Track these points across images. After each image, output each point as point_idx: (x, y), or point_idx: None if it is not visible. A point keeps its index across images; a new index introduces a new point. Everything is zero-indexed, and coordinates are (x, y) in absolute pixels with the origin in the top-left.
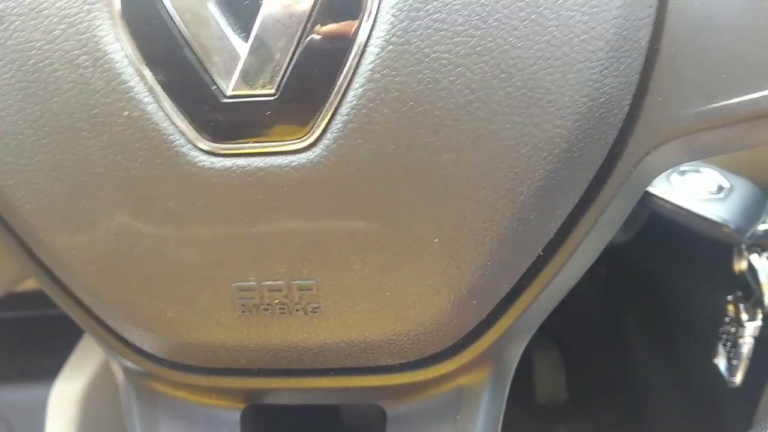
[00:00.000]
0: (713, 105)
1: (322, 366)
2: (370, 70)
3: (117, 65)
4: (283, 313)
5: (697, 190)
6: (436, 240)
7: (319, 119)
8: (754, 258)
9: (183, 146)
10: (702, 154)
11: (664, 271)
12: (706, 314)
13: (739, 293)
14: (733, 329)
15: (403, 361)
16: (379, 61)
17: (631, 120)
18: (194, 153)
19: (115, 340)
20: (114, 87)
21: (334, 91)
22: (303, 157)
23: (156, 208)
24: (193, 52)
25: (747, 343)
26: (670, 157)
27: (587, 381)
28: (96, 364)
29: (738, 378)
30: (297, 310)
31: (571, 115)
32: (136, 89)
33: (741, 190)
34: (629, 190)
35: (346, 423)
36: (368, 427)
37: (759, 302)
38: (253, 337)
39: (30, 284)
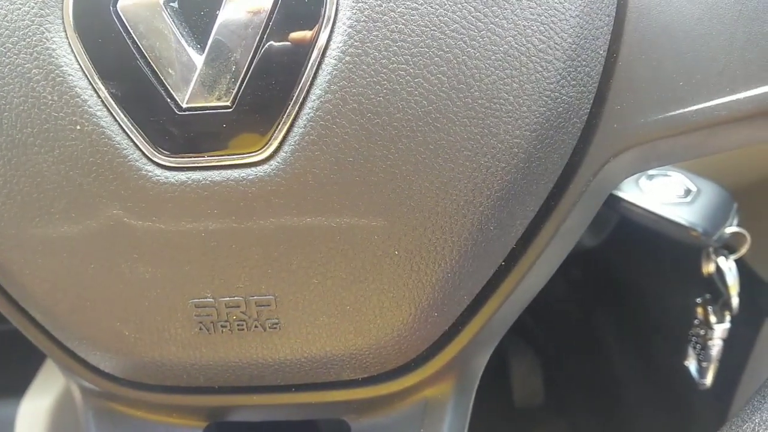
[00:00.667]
0: (671, 113)
1: (283, 382)
2: (328, 81)
3: (69, 78)
4: (242, 329)
5: (666, 194)
6: (396, 252)
7: (276, 131)
8: (722, 261)
9: (137, 160)
10: (662, 162)
11: (637, 273)
12: (678, 315)
13: (708, 296)
14: (702, 332)
15: (365, 376)
16: (336, 72)
17: (590, 129)
18: (149, 167)
19: (71, 359)
20: (66, 100)
21: (291, 103)
22: (260, 170)
23: (110, 224)
24: (148, 64)
25: (716, 346)
26: (630, 165)
27: (563, 383)
28: (65, 381)
29: (708, 380)
30: (256, 327)
31: (529, 125)
32: (89, 102)
33: (708, 193)
34: (590, 199)
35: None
36: None
37: (727, 305)
38: (211, 354)
39: None
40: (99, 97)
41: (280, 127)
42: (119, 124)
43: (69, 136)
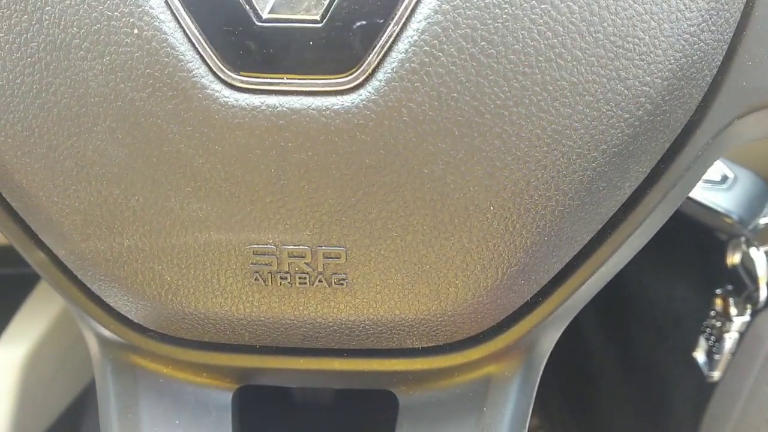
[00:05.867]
0: None
1: (338, 346)
2: None
3: None
4: (304, 283)
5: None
6: (491, 208)
7: (372, 55)
8: (753, 251)
9: (203, 77)
10: None
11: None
12: (662, 308)
13: (729, 287)
14: (718, 323)
15: (430, 344)
16: None
17: (717, 85)
18: (216, 86)
19: (93, 304)
20: None
21: (393, 22)
22: (347, 100)
23: (163, 150)
24: None
25: (732, 338)
26: (753, 129)
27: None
28: (40, 330)
29: (717, 373)
30: (320, 281)
31: (661, 72)
32: (150, 3)
33: (745, 181)
34: (703, 163)
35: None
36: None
37: (751, 297)
38: (264, 309)
39: None
40: None
41: (376, 50)
42: (185, 31)
43: (123, 41)
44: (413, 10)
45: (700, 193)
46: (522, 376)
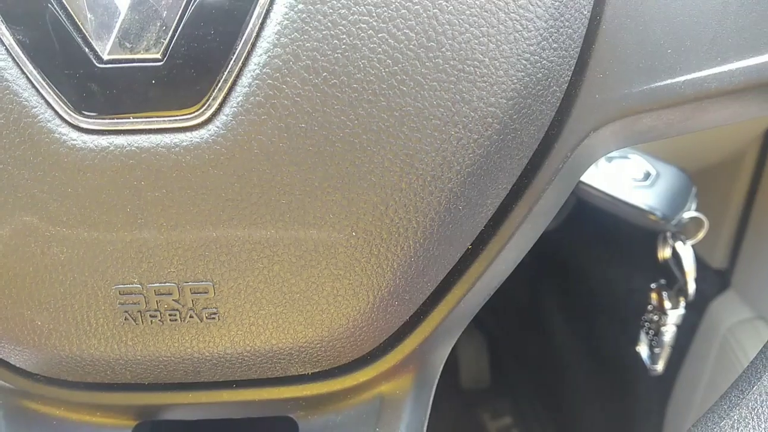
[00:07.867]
0: (657, 84)
1: (222, 378)
2: (277, 33)
3: None
4: (174, 320)
5: (625, 177)
6: (353, 234)
7: (216, 90)
8: (679, 245)
9: (49, 121)
10: (643, 139)
11: (584, 256)
12: (623, 299)
13: (662, 281)
14: (656, 317)
15: (316, 370)
16: (287, 22)
17: (569, 99)
18: (63, 130)
19: None
20: None
21: (234, 57)
22: (196, 136)
23: (18, 196)
24: (62, 7)
25: (669, 331)
26: (610, 140)
27: (509, 364)
28: None
29: (660, 366)
30: (190, 317)
31: (505, 92)
32: None
33: (668, 177)
34: (566, 177)
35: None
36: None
37: (682, 290)
38: (139, 348)
39: None
40: (3, 44)
41: (220, 85)
42: (27, 77)
43: None
44: (253, 45)
45: (624, 191)
46: (414, 394)
